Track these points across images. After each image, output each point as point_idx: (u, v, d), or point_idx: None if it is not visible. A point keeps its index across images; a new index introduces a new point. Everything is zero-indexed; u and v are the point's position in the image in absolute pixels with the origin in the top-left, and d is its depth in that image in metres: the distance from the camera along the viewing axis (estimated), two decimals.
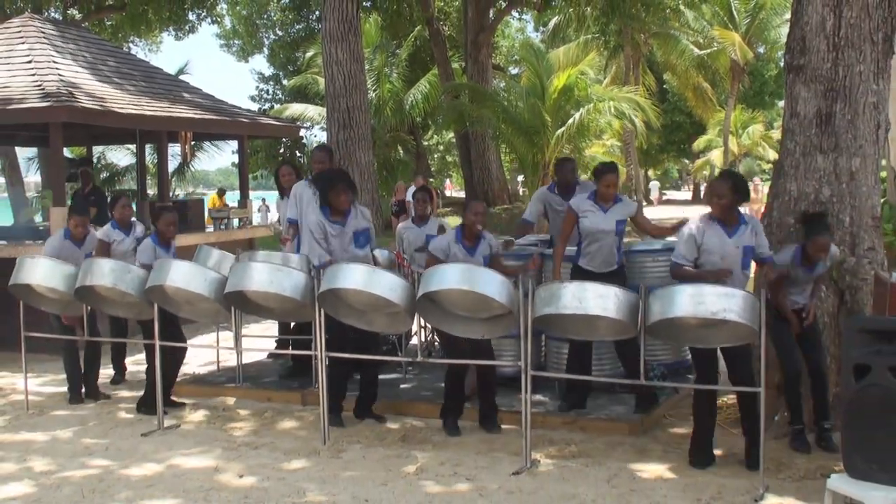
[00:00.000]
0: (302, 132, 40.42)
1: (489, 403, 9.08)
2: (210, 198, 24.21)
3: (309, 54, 42.34)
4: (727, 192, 7.84)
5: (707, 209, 8.00)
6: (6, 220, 23.20)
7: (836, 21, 8.81)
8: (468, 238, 8.94)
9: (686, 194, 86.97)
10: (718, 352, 7.83)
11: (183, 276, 9.02)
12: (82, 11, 34.07)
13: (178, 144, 19.16)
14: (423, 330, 10.15)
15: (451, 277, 8.07)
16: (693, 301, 7.28)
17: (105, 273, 9.46)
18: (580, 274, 9.17)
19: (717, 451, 8.02)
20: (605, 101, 31.13)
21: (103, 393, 10.90)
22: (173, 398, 10.35)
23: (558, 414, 9.26)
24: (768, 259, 7.97)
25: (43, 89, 14.82)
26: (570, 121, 30.05)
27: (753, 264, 7.99)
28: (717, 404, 8.45)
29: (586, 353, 9.36)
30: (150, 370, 9.90)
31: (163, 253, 9.93)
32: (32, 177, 36.14)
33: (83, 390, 10.75)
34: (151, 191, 30.01)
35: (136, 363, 11.89)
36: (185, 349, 10.34)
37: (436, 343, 11.21)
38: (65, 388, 10.86)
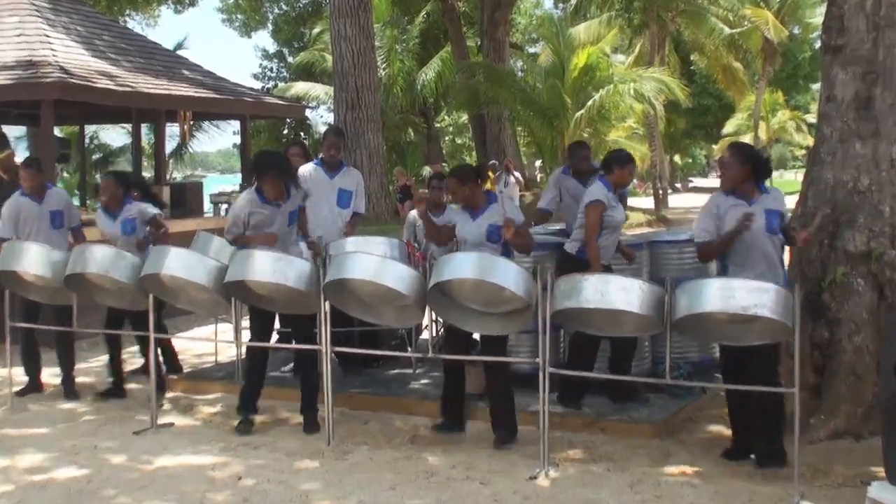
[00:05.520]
0: (307, 112, 40.45)
1: (502, 409, 8.70)
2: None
3: (316, 30, 42.39)
4: (732, 162, 7.91)
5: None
6: None
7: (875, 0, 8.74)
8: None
9: (714, 182, 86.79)
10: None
11: (180, 264, 8.97)
12: None
13: (177, 124, 19.12)
14: (434, 324, 10.10)
15: (465, 266, 8.02)
16: (722, 295, 7.23)
17: (97, 260, 9.41)
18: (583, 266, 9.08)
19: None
20: (627, 82, 31.00)
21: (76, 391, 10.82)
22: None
23: (578, 414, 9.18)
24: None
25: (34, 65, 14.77)
26: (590, 102, 29.95)
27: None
28: None
29: (626, 348, 9.33)
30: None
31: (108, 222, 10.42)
32: (21, 155, 36.14)
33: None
34: (147, 173, 29.97)
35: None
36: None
37: None
38: (55, 381, 10.87)
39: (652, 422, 8.95)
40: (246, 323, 9.70)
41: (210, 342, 12.06)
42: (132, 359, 11.58)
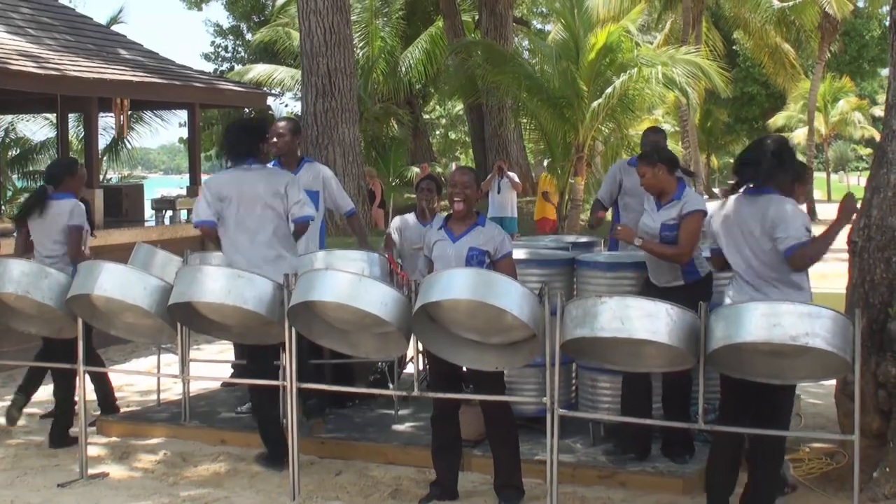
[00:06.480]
0: (269, 101, 40.44)
1: (506, 462, 8.58)
2: None
3: (279, 1, 42.39)
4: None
5: None
6: None
7: None
8: (452, 221, 8.66)
9: None
10: None
11: (116, 283, 8.97)
12: None
13: (111, 115, 19.14)
14: (420, 356, 10.12)
15: (458, 285, 7.97)
16: (766, 322, 7.21)
17: (14, 278, 9.40)
18: (646, 288, 9.17)
19: None
20: (654, 65, 31.01)
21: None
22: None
23: (592, 465, 9.20)
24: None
25: None
26: (610, 90, 29.99)
27: None
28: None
29: (643, 387, 9.29)
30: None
31: None
32: None
33: None
34: None
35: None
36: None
37: None
38: None
39: (683, 475, 8.97)
40: (193, 354, 9.72)
41: (151, 377, 12.08)
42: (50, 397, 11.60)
